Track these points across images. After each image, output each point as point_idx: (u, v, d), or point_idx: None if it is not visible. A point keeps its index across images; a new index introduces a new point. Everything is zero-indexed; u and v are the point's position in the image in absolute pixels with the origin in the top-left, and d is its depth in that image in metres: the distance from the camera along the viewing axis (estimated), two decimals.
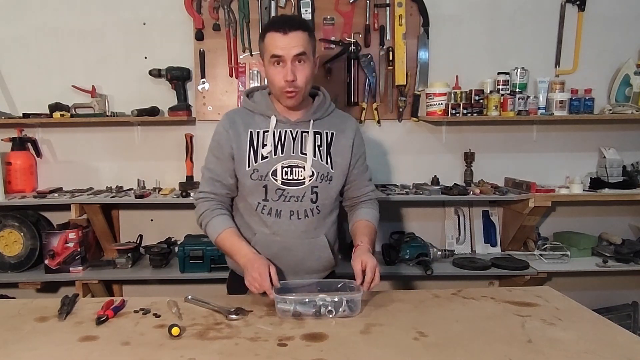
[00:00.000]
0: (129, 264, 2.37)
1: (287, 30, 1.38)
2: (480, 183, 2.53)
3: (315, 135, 1.50)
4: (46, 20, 2.43)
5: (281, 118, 1.49)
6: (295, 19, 1.48)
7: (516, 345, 1.11)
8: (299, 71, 1.41)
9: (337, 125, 1.55)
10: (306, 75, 1.42)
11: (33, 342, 1.14)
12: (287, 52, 1.38)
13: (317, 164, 1.48)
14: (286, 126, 1.49)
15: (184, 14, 2.42)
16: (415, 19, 2.48)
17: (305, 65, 1.41)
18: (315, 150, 1.49)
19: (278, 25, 1.41)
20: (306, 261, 1.53)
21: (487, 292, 1.47)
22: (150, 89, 2.47)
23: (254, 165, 1.46)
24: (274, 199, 1.47)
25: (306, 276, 1.53)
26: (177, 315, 1.28)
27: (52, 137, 2.53)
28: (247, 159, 1.47)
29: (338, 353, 1.07)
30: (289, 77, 1.39)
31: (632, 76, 2.46)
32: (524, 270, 2.33)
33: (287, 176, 1.47)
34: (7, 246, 2.32)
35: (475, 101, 2.39)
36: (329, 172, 1.50)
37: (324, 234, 1.54)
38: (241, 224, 1.55)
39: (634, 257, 2.42)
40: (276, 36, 1.39)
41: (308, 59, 1.42)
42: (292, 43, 1.38)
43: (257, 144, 1.48)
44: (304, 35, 1.40)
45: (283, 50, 1.38)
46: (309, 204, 1.49)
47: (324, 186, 1.49)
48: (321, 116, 1.53)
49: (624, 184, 2.47)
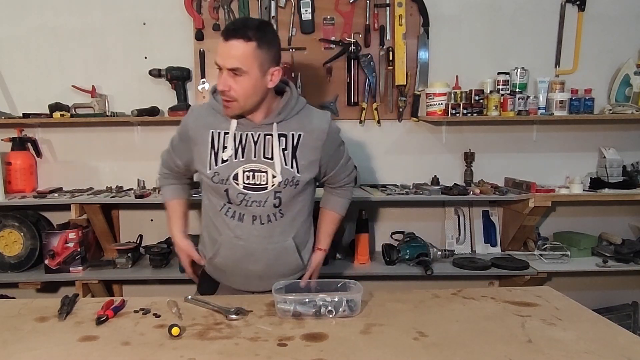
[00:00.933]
0: (129, 264, 2.37)
1: (229, 38, 1.29)
2: (480, 183, 2.53)
3: (280, 138, 1.41)
4: (46, 20, 2.43)
5: (242, 121, 1.41)
6: (244, 24, 1.32)
7: (516, 345, 1.11)
8: (236, 83, 1.31)
9: (305, 126, 1.44)
10: (243, 89, 1.32)
11: (33, 342, 1.14)
12: (222, 62, 1.31)
13: (281, 168, 1.40)
14: (248, 129, 1.41)
15: (184, 14, 2.42)
16: (415, 19, 2.47)
17: (242, 79, 1.31)
18: (280, 154, 1.40)
19: (225, 29, 1.33)
20: (271, 267, 1.48)
21: (487, 292, 1.47)
22: (150, 89, 2.47)
23: (215, 168, 1.41)
24: (237, 203, 1.42)
25: (273, 280, 1.42)
26: (177, 315, 1.28)
27: (52, 137, 2.53)
28: (208, 161, 1.42)
29: (338, 353, 1.07)
30: (220, 86, 1.32)
31: (632, 76, 2.45)
32: (524, 270, 2.33)
33: (249, 180, 1.41)
34: (7, 246, 2.32)
35: (475, 101, 2.39)
36: (295, 177, 1.42)
37: (291, 237, 1.48)
38: (208, 223, 1.55)
39: (634, 257, 2.42)
40: (220, 42, 1.31)
41: (246, 74, 1.30)
42: (228, 53, 1.30)
43: (218, 146, 1.42)
44: (246, 47, 1.29)
45: (220, 59, 1.32)
46: (271, 209, 1.43)
47: (288, 191, 1.42)
48: (287, 117, 1.42)
49: (624, 184, 2.47)
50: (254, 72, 1.31)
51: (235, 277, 1.53)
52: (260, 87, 1.35)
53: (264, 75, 1.34)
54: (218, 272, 1.57)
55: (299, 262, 1.53)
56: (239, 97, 1.33)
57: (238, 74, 1.30)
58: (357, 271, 2.34)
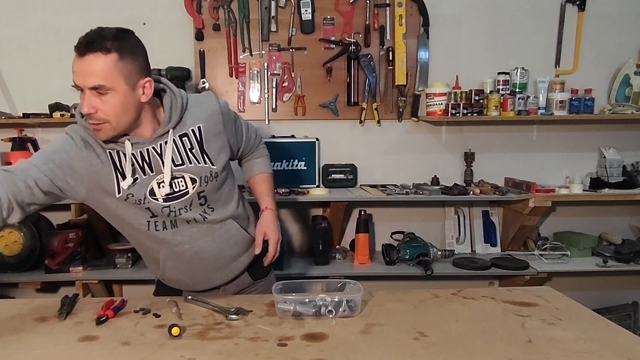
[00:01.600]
0: (129, 264, 2.37)
1: (84, 52, 1.12)
2: (480, 183, 2.53)
3: (182, 139, 1.29)
4: (46, 20, 2.43)
5: (136, 140, 1.25)
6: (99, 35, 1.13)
7: (516, 345, 1.11)
8: (102, 102, 1.14)
9: (199, 116, 1.33)
10: (113, 107, 1.15)
11: (33, 342, 1.14)
12: (81, 82, 1.13)
13: (195, 168, 1.30)
14: (146, 144, 1.26)
15: (184, 14, 2.42)
16: (415, 19, 2.48)
17: (110, 97, 1.14)
18: (189, 156, 1.30)
19: (78, 43, 1.12)
20: (223, 251, 1.41)
21: (487, 292, 1.47)
22: None
23: (125, 190, 1.25)
24: (165, 216, 1.31)
25: (231, 265, 1.43)
26: (177, 315, 1.28)
27: (52, 137, 2.52)
28: (116, 186, 1.25)
29: (338, 353, 1.07)
30: (84, 109, 1.14)
31: (632, 76, 2.46)
32: (524, 270, 2.33)
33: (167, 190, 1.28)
34: (7, 246, 2.32)
35: (475, 101, 2.39)
36: (212, 170, 1.33)
37: (230, 217, 1.41)
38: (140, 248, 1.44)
39: (634, 257, 2.42)
40: (75, 58, 1.13)
41: (113, 90, 1.14)
42: (86, 71, 1.12)
43: (122, 167, 1.24)
44: (105, 60, 1.12)
45: (76, 77, 1.13)
46: (199, 208, 1.35)
47: (212, 186, 1.34)
48: (179, 118, 1.29)
49: (624, 184, 2.47)
50: (122, 88, 1.15)
51: (194, 279, 1.45)
52: (132, 104, 1.19)
53: (134, 90, 1.18)
54: (176, 283, 1.48)
55: (248, 236, 1.46)
56: (109, 118, 1.16)
57: (102, 93, 1.14)
58: (357, 271, 2.34)
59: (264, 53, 2.46)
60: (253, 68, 2.48)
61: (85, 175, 1.24)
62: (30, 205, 1.21)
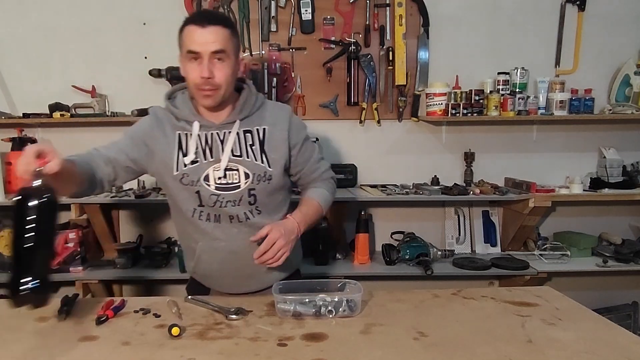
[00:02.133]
0: (129, 264, 2.37)
1: (205, 24, 1.26)
2: (480, 183, 2.53)
3: (245, 134, 1.38)
4: (46, 20, 2.43)
5: (205, 122, 1.37)
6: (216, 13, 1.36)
7: (516, 345, 1.11)
8: (218, 69, 1.28)
9: (268, 119, 1.41)
10: (226, 74, 1.29)
11: (33, 342, 1.14)
12: (204, 48, 1.26)
13: (252, 164, 1.36)
14: (212, 129, 1.37)
15: (184, 14, 2.41)
16: (415, 19, 2.48)
17: (224, 64, 1.28)
18: (248, 150, 1.37)
19: (197, 18, 1.30)
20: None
21: (487, 292, 1.47)
22: (150, 89, 2.46)
23: (183, 169, 1.35)
24: (210, 205, 1.36)
25: (263, 277, 1.43)
26: (177, 315, 1.28)
27: (52, 137, 2.52)
28: (176, 163, 1.36)
29: (338, 353, 1.07)
30: (205, 73, 1.26)
31: (632, 76, 2.46)
32: (524, 270, 2.33)
33: (220, 181, 1.35)
34: (7, 246, 2.32)
35: (475, 101, 2.39)
36: (267, 172, 1.38)
37: None
38: (182, 234, 1.49)
39: (634, 257, 2.42)
40: (193, 29, 1.27)
41: (228, 58, 1.29)
42: (211, 38, 1.26)
43: (186, 148, 1.36)
44: (224, 31, 1.28)
45: (200, 45, 1.26)
46: (247, 206, 1.38)
47: (262, 187, 1.38)
48: (249, 113, 1.40)
49: (624, 184, 2.47)
50: (232, 58, 1.31)
51: (224, 279, 1.47)
52: (235, 75, 1.34)
53: (237, 64, 1.34)
54: (206, 279, 1.51)
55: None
56: (222, 84, 1.29)
57: (221, 59, 1.27)
58: (357, 271, 2.34)
59: (264, 53, 2.46)
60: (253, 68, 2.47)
61: (154, 151, 1.37)
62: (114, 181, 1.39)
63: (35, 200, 1.02)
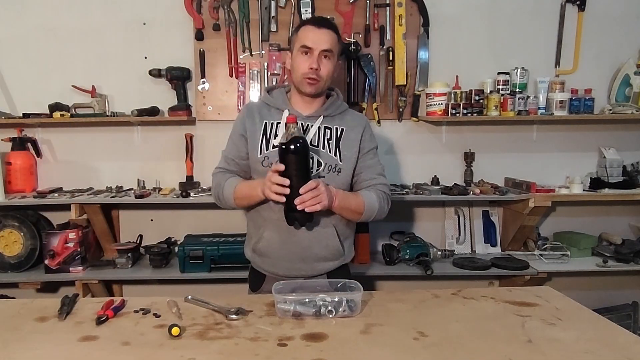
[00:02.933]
0: (129, 264, 2.37)
1: (320, 26, 1.52)
2: (480, 183, 2.53)
3: (325, 129, 1.57)
4: (46, 20, 2.43)
5: (294, 111, 1.57)
6: (329, 20, 1.60)
7: (516, 345, 1.11)
8: (324, 64, 1.52)
9: (347, 123, 1.61)
10: (329, 70, 1.53)
11: (33, 342, 1.15)
12: (317, 45, 1.50)
13: (326, 155, 1.54)
14: (298, 119, 1.52)
15: (184, 14, 2.42)
16: (415, 19, 2.48)
17: (329, 61, 1.52)
18: (325, 143, 1.55)
19: (314, 20, 1.57)
20: (314, 247, 1.55)
21: (487, 292, 1.48)
22: (150, 89, 2.47)
23: (265, 152, 1.54)
24: None
25: (315, 264, 1.56)
26: (177, 315, 1.28)
27: (52, 137, 2.53)
28: (259, 147, 1.55)
29: (338, 353, 1.07)
30: (314, 64, 1.50)
31: (632, 76, 2.46)
32: (524, 270, 2.33)
33: None
34: (7, 246, 2.32)
35: (475, 101, 2.39)
36: (337, 164, 1.55)
37: (332, 223, 1.56)
38: (252, 216, 1.63)
39: (634, 257, 2.42)
40: (310, 29, 1.52)
41: (333, 57, 1.53)
42: (324, 38, 1.50)
43: (270, 135, 1.56)
44: (334, 35, 1.53)
45: (314, 42, 1.50)
46: None
47: (331, 177, 1.53)
48: (332, 113, 1.60)
49: (624, 184, 2.47)
50: (335, 58, 1.55)
51: (279, 261, 1.57)
52: (333, 73, 1.56)
53: (337, 64, 1.58)
54: (263, 261, 1.60)
55: (340, 248, 1.58)
56: (323, 77, 1.52)
57: (327, 57, 1.52)
58: (357, 271, 2.34)
59: (264, 53, 2.46)
60: (253, 68, 2.48)
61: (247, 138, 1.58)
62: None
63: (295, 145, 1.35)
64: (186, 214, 2.56)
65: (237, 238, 2.39)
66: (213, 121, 2.50)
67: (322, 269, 1.58)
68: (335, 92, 1.66)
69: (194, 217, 2.57)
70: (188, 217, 2.57)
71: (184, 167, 2.48)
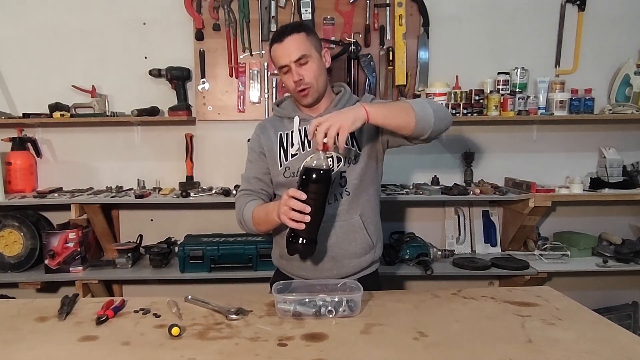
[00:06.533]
0: (129, 264, 2.37)
1: (282, 38, 1.45)
2: (480, 183, 2.53)
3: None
4: (46, 20, 2.43)
5: (304, 116, 1.55)
6: (288, 25, 1.51)
7: (516, 345, 1.11)
8: (305, 70, 1.46)
9: None
10: (313, 71, 1.47)
11: (33, 342, 1.14)
12: (287, 59, 1.45)
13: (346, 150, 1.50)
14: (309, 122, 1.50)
15: (184, 14, 2.42)
16: (415, 19, 2.48)
17: (310, 64, 1.46)
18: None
19: (275, 36, 1.49)
20: (341, 244, 1.51)
21: (487, 292, 1.47)
22: (150, 89, 2.47)
23: (285, 163, 1.53)
24: None
25: (345, 261, 1.51)
26: (177, 315, 1.28)
27: (52, 137, 2.53)
28: (279, 159, 1.54)
29: (338, 353, 1.07)
30: (295, 77, 1.45)
31: (632, 76, 2.46)
32: (524, 270, 2.33)
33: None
34: (7, 246, 2.32)
35: (475, 101, 2.39)
36: (356, 154, 1.50)
37: (358, 214, 1.52)
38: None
39: (634, 257, 2.42)
40: (275, 47, 1.47)
41: (310, 57, 1.46)
42: (289, 49, 1.44)
43: (287, 145, 1.55)
44: (299, 37, 1.45)
45: (283, 58, 1.45)
46: (337, 189, 1.50)
47: (352, 169, 1.51)
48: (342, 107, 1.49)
49: (624, 184, 2.47)
50: (315, 55, 1.47)
51: (306, 264, 1.53)
52: (322, 68, 1.50)
53: (321, 57, 1.51)
54: (290, 265, 1.57)
55: (368, 240, 1.54)
56: (312, 81, 1.47)
57: (303, 62, 1.45)
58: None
59: (264, 53, 2.46)
60: (253, 68, 2.48)
61: (266, 154, 1.56)
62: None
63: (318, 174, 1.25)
64: (186, 214, 2.57)
65: (237, 238, 2.39)
66: (213, 121, 2.50)
67: (353, 266, 1.53)
68: (343, 87, 1.62)
69: (194, 217, 2.57)
70: (188, 217, 2.57)
71: (184, 167, 2.48)
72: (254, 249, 2.31)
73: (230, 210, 1.59)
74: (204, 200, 2.31)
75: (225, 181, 2.50)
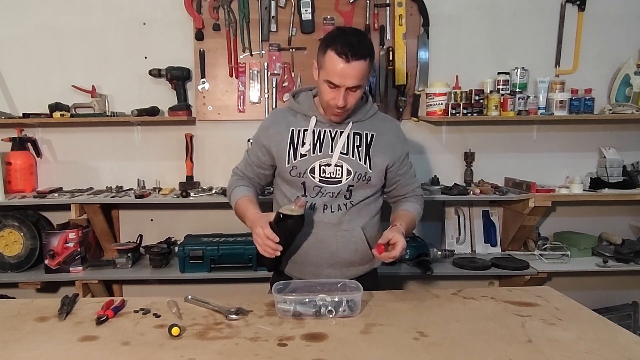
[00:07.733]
0: (129, 264, 2.37)
1: (350, 59, 1.33)
2: (480, 183, 2.53)
3: (354, 136, 1.51)
4: (46, 20, 2.43)
5: (321, 118, 1.51)
6: (362, 44, 1.36)
7: (516, 345, 1.11)
8: (351, 96, 1.40)
9: (377, 128, 1.54)
10: (356, 99, 1.42)
11: (33, 342, 1.14)
12: (344, 82, 1.36)
13: (355, 163, 1.49)
14: (326, 126, 1.51)
15: (184, 14, 2.42)
16: (415, 19, 2.48)
17: (357, 93, 1.41)
18: (355, 151, 1.50)
19: (343, 49, 1.33)
20: (341, 252, 1.52)
21: (487, 292, 1.48)
22: (150, 89, 2.47)
23: (293, 162, 1.50)
24: (312, 195, 1.50)
25: (344, 269, 1.53)
26: (177, 315, 1.28)
27: (52, 137, 2.53)
28: (287, 156, 1.51)
29: (338, 353, 1.07)
30: (340, 102, 1.38)
31: (632, 76, 2.46)
32: (524, 270, 2.33)
33: (324, 174, 1.49)
34: (7, 246, 2.32)
35: (475, 101, 2.39)
36: (367, 172, 1.50)
37: (360, 226, 1.53)
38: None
39: (634, 257, 2.42)
40: (338, 62, 1.34)
41: (362, 87, 1.41)
42: (352, 74, 1.35)
43: (297, 142, 1.51)
44: (365, 65, 1.36)
45: (341, 79, 1.35)
46: (342, 200, 1.50)
47: (360, 185, 1.50)
48: (362, 119, 1.53)
49: (624, 184, 2.47)
50: (365, 84, 1.43)
51: (306, 267, 1.55)
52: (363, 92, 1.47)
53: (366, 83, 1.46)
54: (291, 266, 1.58)
55: (368, 252, 1.54)
56: (351, 107, 1.44)
57: (354, 90, 1.39)
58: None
59: (264, 53, 2.46)
60: (253, 68, 2.47)
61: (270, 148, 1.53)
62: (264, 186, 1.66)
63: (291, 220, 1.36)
64: (186, 214, 2.56)
65: (237, 238, 2.39)
66: (213, 121, 2.50)
67: (351, 274, 1.54)
68: (364, 95, 1.54)
69: (194, 217, 2.57)
70: (188, 217, 2.57)
71: (184, 167, 2.48)
72: (254, 249, 2.27)
73: (230, 210, 1.59)
74: (204, 200, 2.31)
75: (225, 181, 2.45)
